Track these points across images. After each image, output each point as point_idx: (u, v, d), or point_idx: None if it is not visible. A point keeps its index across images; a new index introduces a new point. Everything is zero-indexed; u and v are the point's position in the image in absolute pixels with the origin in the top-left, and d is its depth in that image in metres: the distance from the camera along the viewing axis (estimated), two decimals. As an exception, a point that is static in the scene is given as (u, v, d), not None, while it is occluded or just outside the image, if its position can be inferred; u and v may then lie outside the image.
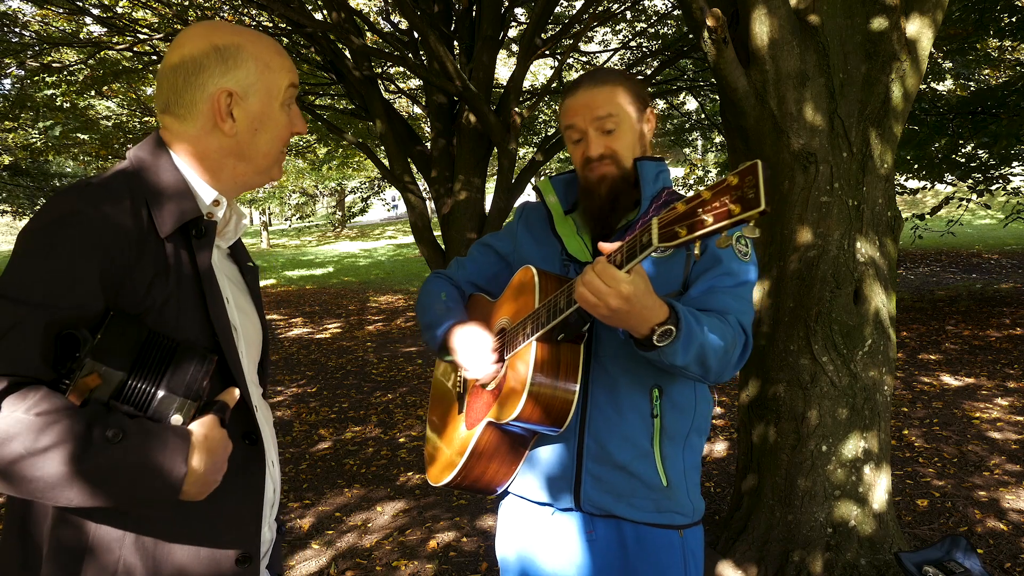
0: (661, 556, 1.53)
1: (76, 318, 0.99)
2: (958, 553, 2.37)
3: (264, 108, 1.18)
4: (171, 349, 1.02)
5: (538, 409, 1.43)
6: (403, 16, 6.08)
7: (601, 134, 1.54)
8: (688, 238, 1.11)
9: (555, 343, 1.44)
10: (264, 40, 1.20)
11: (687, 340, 1.31)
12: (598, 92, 1.55)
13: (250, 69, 1.16)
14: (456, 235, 5.82)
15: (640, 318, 1.28)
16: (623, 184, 1.54)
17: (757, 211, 1.00)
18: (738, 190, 1.03)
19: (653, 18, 9.21)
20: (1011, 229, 15.30)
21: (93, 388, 0.97)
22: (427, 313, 1.70)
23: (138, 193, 1.10)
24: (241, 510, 1.13)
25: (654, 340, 1.30)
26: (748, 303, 1.49)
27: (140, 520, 1.06)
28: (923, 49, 2.85)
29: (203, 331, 1.10)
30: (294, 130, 1.23)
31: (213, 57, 1.14)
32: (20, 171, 14.53)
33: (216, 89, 1.14)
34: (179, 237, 1.12)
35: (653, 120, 1.63)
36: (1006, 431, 4.68)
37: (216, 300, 1.13)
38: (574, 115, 1.56)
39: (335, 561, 3.43)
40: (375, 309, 11.98)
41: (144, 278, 1.05)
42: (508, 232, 1.78)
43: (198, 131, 1.16)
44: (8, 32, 7.13)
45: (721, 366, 1.40)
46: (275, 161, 1.23)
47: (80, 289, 0.99)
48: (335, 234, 29.75)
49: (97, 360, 0.97)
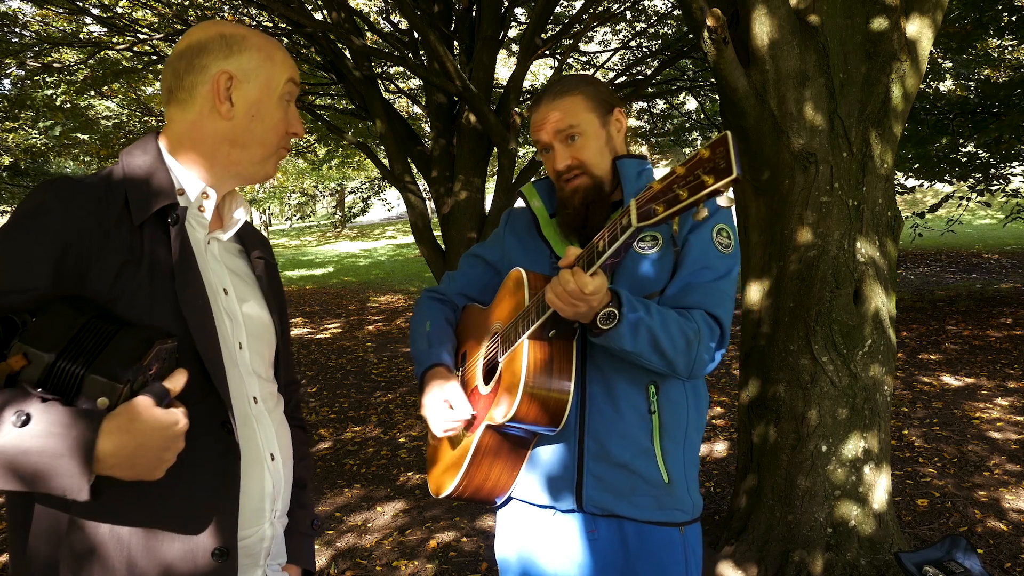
0: (663, 554, 1.53)
1: (21, 303, 1.01)
2: (958, 553, 2.37)
3: (262, 97, 1.19)
4: (110, 333, 1.01)
5: (534, 407, 1.43)
6: (403, 16, 6.08)
7: (565, 146, 1.58)
8: (666, 214, 1.13)
9: (547, 340, 1.45)
10: (269, 37, 1.24)
11: (633, 324, 1.36)
12: (557, 104, 1.58)
13: (252, 56, 1.19)
14: (456, 235, 5.82)
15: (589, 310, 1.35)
16: (595, 193, 1.57)
17: (730, 179, 1.03)
18: (710, 162, 1.05)
19: (653, 18, 9.20)
20: (1011, 229, 15.31)
21: (19, 369, 0.97)
22: (413, 345, 1.75)
23: (117, 185, 1.12)
24: (216, 503, 1.12)
25: (598, 322, 1.36)
26: (726, 296, 1.51)
27: (115, 511, 1.06)
28: (923, 49, 2.85)
29: (177, 317, 1.10)
30: (290, 130, 1.24)
31: (218, 42, 1.18)
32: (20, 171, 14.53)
33: (217, 70, 1.17)
34: (157, 226, 1.13)
35: (623, 120, 1.64)
36: (1006, 431, 4.68)
37: (192, 287, 1.13)
38: (539, 130, 1.60)
39: (335, 561, 3.43)
40: (375, 309, 11.98)
41: (111, 266, 1.06)
42: (496, 240, 1.80)
43: (196, 115, 1.18)
44: (8, 32, 7.13)
45: (687, 359, 1.42)
46: (270, 154, 1.24)
47: (29, 276, 1.02)
48: (335, 234, 29.76)
49: (24, 342, 0.98)
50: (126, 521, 1.06)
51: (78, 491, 0.94)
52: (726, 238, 1.54)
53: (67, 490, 0.95)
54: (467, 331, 1.75)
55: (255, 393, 1.23)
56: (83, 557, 1.06)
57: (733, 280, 1.54)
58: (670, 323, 1.40)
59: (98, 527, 1.05)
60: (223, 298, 1.21)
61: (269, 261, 1.38)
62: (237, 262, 1.30)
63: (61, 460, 0.94)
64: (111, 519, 1.06)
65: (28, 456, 0.93)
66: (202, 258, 1.19)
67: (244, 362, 1.22)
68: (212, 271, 1.20)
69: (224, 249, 1.27)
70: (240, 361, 1.21)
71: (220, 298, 1.20)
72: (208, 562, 1.09)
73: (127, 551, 1.06)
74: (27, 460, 0.94)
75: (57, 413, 0.95)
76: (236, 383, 1.18)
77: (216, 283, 1.20)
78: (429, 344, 1.68)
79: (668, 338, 1.39)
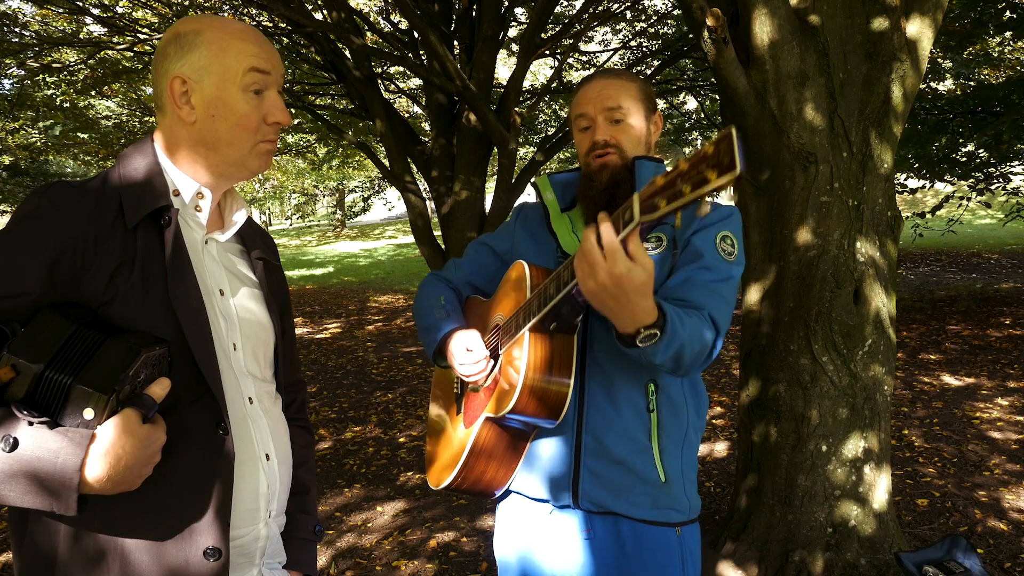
0: (659, 554, 1.53)
1: (12, 309, 1.02)
2: (958, 553, 2.37)
3: (219, 92, 1.14)
4: (98, 342, 1.01)
5: (534, 399, 1.43)
6: (403, 16, 6.08)
7: (609, 124, 1.59)
8: (669, 208, 1.11)
9: (548, 333, 1.45)
10: (229, 26, 1.17)
11: (669, 343, 1.31)
12: (611, 84, 1.60)
13: (202, 52, 1.14)
14: (456, 235, 5.82)
15: (629, 312, 1.24)
16: (624, 174, 1.57)
17: (733, 175, 1.02)
18: (714, 157, 1.05)
19: (653, 18, 9.20)
20: (1011, 229, 15.32)
21: (8, 381, 0.98)
22: (426, 317, 1.71)
23: (111, 187, 1.12)
24: (209, 503, 1.12)
25: (637, 341, 1.29)
26: (725, 300, 1.48)
27: (109, 515, 1.06)
28: (923, 49, 2.85)
29: (170, 319, 1.10)
30: (270, 119, 1.18)
31: (173, 45, 1.15)
32: (20, 171, 14.54)
33: (170, 76, 1.15)
34: (150, 228, 1.12)
35: (660, 124, 1.67)
36: (1006, 431, 4.68)
37: (185, 288, 1.12)
38: (586, 104, 1.61)
39: (335, 561, 3.43)
40: (375, 309, 11.98)
41: (105, 269, 1.06)
42: (505, 231, 1.79)
43: (170, 121, 1.18)
44: (8, 32, 7.13)
45: (692, 363, 1.41)
46: (247, 151, 1.18)
47: (21, 281, 1.02)
48: (335, 234, 29.76)
49: (12, 353, 0.98)
50: (120, 523, 1.07)
51: (65, 511, 0.98)
52: (730, 246, 1.53)
53: (55, 508, 0.98)
54: (469, 322, 1.75)
55: (250, 393, 1.23)
56: (77, 560, 1.06)
57: (733, 286, 1.51)
58: (696, 336, 1.36)
59: (91, 531, 1.07)
60: (218, 299, 1.20)
61: (271, 262, 1.37)
62: (237, 262, 1.29)
63: (49, 485, 0.96)
64: (104, 523, 1.07)
65: (16, 480, 0.96)
66: (198, 259, 1.19)
67: (238, 363, 1.21)
68: (208, 271, 1.20)
69: (223, 249, 1.27)
70: (234, 362, 1.21)
71: (215, 298, 1.20)
72: (200, 561, 1.10)
73: (120, 552, 1.07)
74: (15, 484, 0.96)
75: (44, 439, 0.97)
76: (231, 383, 1.18)
77: (212, 284, 1.20)
78: (447, 313, 1.68)
79: (690, 351, 1.36)
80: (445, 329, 1.63)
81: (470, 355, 1.56)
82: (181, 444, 1.09)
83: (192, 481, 1.10)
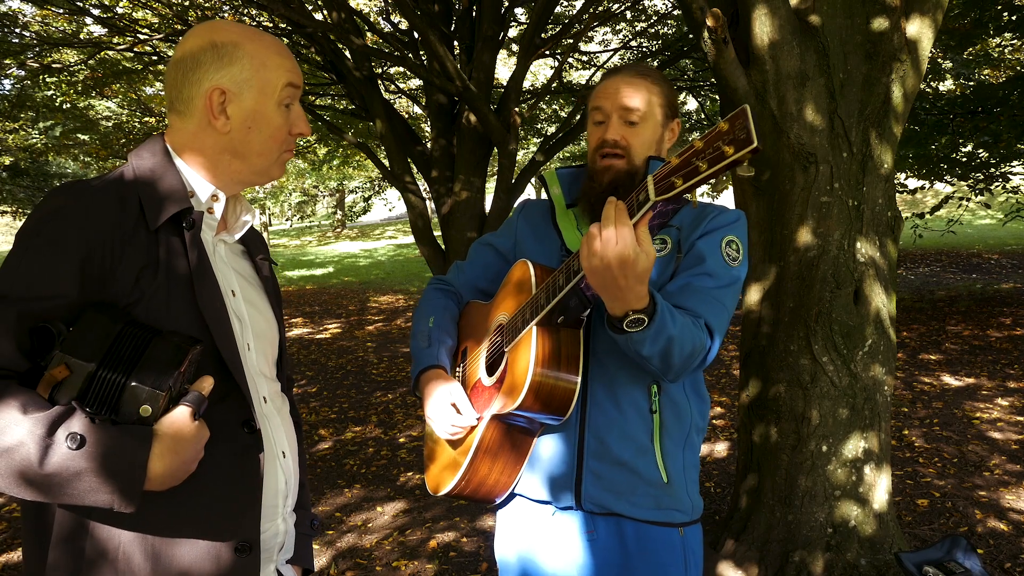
0: (662, 555, 1.53)
1: (52, 310, 1.01)
2: (958, 553, 2.37)
3: (258, 106, 1.17)
4: (145, 340, 1.02)
5: (543, 394, 1.41)
6: (403, 16, 6.08)
7: (623, 123, 1.56)
8: (685, 186, 1.11)
9: (555, 327, 1.44)
10: (265, 39, 1.20)
11: (656, 333, 1.31)
12: (634, 83, 1.57)
13: (244, 66, 1.16)
14: (456, 235, 5.83)
15: (623, 295, 1.26)
16: (626, 179, 1.55)
17: (750, 149, 1.02)
18: (729, 134, 1.05)
19: (653, 18, 9.21)
20: (1011, 229, 15.32)
21: (62, 380, 0.98)
22: (414, 339, 1.72)
23: (130, 189, 1.12)
24: (239, 499, 1.14)
25: (624, 324, 1.30)
26: (724, 307, 1.47)
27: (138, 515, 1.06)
28: (923, 49, 2.85)
29: (195, 320, 1.11)
30: (294, 131, 1.22)
31: (210, 54, 1.15)
32: (20, 171, 14.55)
33: (210, 86, 1.15)
34: (171, 230, 1.13)
35: (676, 133, 1.64)
36: (1006, 431, 4.68)
37: (209, 290, 1.14)
38: (604, 98, 1.58)
39: (335, 561, 3.43)
40: (375, 309, 11.98)
41: (131, 270, 1.07)
42: (508, 229, 1.78)
43: (196, 127, 1.18)
44: (8, 32, 7.13)
45: (682, 367, 1.40)
46: (273, 161, 1.23)
47: (56, 282, 1.02)
48: (335, 234, 29.76)
49: (66, 352, 0.98)
50: (150, 521, 1.08)
51: (127, 507, 0.99)
52: (735, 251, 1.52)
53: (116, 505, 0.98)
54: (468, 328, 1.74)
55: (264, 393, 1.25)
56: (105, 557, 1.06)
57: (734, 292, 1.51)
58: (686, 336, 1.36)
59: (122, 528, 1.07)
60: (232, 300, 1.21)
61: (270, 261, 1.39)
62: (242, 263, 1.30)
63: (116, 482, 0.97)
64: (135, 520, 1.07)
65: (81, 478, 0.96)
66: (212, 260, 1.20)
67: (252, 363, 1.23)
68: (221, 273, 1.21)
69: (229, 251, 1.28)
70: (248, 362, 1.22)
71: (229, 300, 1.21)
72: (232, 557, 1.11)
73: (151, 549, 1.07)
74: (80, 481, 0.96)
75: (109, 436, 0.98)
76: (249, 384, 1.20)
77: (225, 285, 1.21)
78: (429, 343, 1.67)
79: (679, 351, 1.36)
80: (422, 364, 1.63)
81: (454, 415, 1.53)
82: (210, 443, 1.10)
83: (223, 478, 1.12)
